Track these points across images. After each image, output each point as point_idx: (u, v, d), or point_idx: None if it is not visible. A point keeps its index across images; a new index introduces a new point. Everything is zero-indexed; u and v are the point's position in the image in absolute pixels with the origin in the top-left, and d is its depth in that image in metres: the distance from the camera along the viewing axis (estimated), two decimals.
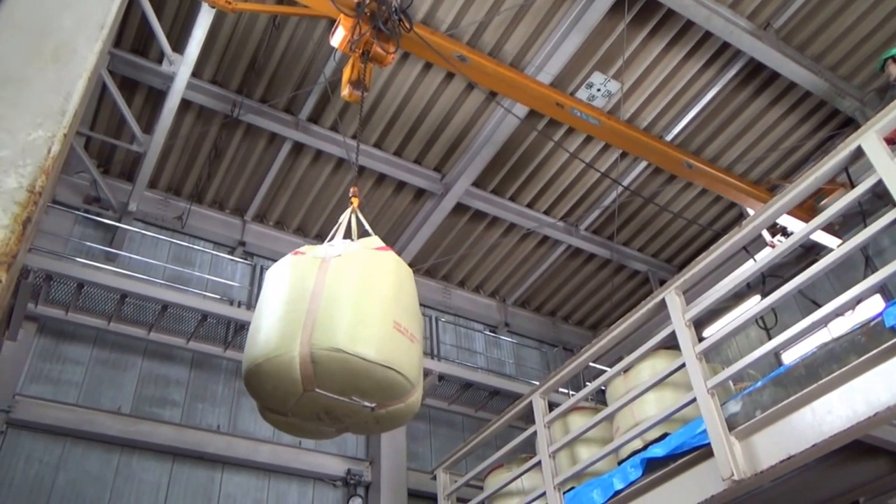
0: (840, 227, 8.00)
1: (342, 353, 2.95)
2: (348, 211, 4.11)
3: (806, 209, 7.68)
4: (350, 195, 4.31)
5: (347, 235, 3.90)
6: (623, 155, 8.66)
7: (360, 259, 3.35)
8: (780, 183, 8.68)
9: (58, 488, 6.14)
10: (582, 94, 7.85)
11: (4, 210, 1.42)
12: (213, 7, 5.58)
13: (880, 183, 3.32)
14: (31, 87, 1.61)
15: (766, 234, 8.20)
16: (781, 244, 3.87)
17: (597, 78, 7.77)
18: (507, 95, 6.77)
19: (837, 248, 3.44)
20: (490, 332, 10.19)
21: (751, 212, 8.05)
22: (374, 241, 3.57)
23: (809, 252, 8.55)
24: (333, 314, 3.06)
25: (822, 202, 7.71)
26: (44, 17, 1.73)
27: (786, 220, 7.80)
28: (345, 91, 5.37)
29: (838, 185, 7.36)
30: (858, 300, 3.32)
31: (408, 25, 5.33)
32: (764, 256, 3.94)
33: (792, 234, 5.69)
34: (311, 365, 2.98)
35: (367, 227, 3.98)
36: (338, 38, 5.37)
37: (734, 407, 3.62)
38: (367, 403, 3.12)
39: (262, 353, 3.10)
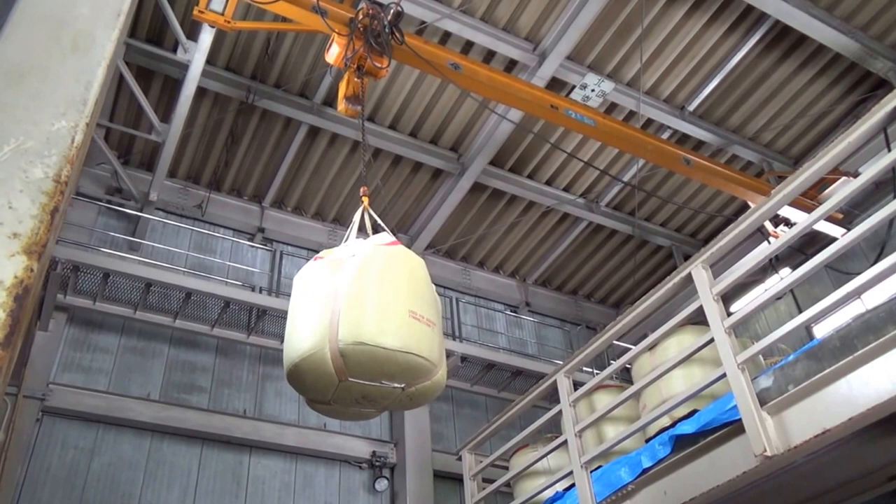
0: (844, 216, 7.83)
1: (365, 346, 3.31)
2: (360, 209, 4.46)
3: (809, 198, 7.55)
4: (360, 195, 4.62)
5: (362, 230, 4.27)
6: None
7: (373, 257, 3.69)
8: (783, 174, 8.44)
9: (93, 473, 6.32)
10: (576, 95, 7.68)
11: (33, 200, 1.43)
12: (213, 27, 5.72)
13: None
14: (53, 78, 1.60)
15: (768, 225, 8.04)
16: (786, 233, 3.81)
17: (591, 79, 7.59)
18: (502, 102, 6.73)
19: (872, 216, 3.32)
20: (511, 312, 10.17)
21: (752, 205, 7.89)
22: (385, 237, 3.93)
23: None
24: (354, 311, 3.42)
25: (825, 192, 7.57)
26: (61, 7, 1.72)
27: (787, 212, 7.65)
28: (341, 106, 5.48)
29: (841, 173, 7.20)
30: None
31: (399, 38, 5.45)
32: (798, 225, 3.83)
33: (795, 224, 5.59)
34: (341, 358, 3.34)
35: (380, 221, 4.31)
36: (333, 54, 5.53)
37: (765, 382, 3.55)
38: (396, 385, 3.47)
39: (298, 353, 3.49)
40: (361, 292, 3.48)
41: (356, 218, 4.37)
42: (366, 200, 4.55)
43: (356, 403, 3.64)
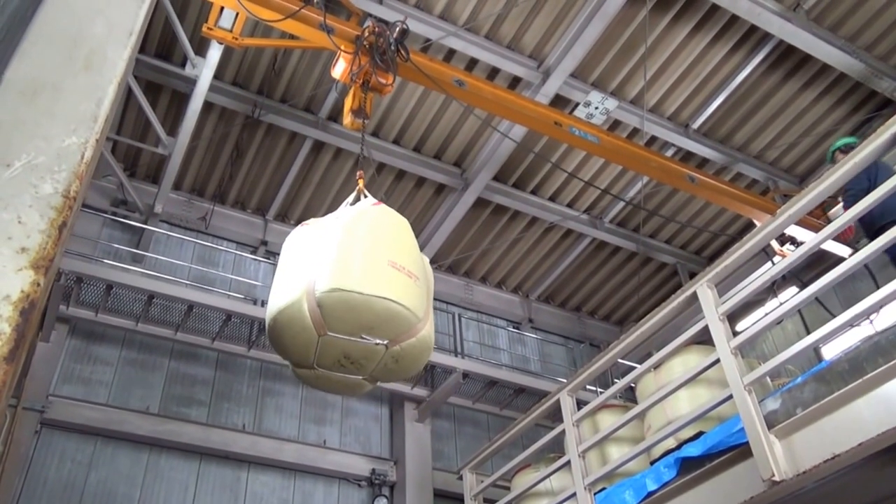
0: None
1: (340, 292, 3.27)
2: (355, 192, 4.44)
3: (815, 216, 7.52)
4: (357, 178, 4.59)
5: None
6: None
7: (357, 217, 3.73)
8: (789, 192, 8.42)
9: (90, 486, 6.25)
10: (580, 112, 7.70)
11: (42, 215, 1.43)
12: (221, 43, 5.84)
13: None
14: (65, 95, 1.61)
15: (774, 244, 7.99)
16: (793, 252, 3.77)
17: (594, 96, 7.63)
18: (506, 118, 6.76)
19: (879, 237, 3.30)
20: (514, 328, 10.11)
21: (758, 223, 7.83)
22: (370, 200, 3.99)
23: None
24: (332, 261, 3.41)
25: (832, 210, 7.54)
26: (76, 25, 1.73)
27: (794, 231, 7.62)
28: (346, 120, 5.51)
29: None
30: None
31: (405, 55, 5.51)
32: (804, 245, 3.80)
33: (802, 243, 5.48)
34: (318, 309, 3.31)
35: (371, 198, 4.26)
36: (339, 70, 5.59)
37: (773, 404, 3.50)
38: (378, 340, 3.41)
39: (276, 307, 3.49)
40: (341, 245, 3.50)
41: (350, 198, 4.31)
42: (361, 183, 4.44)
43: (340, 367, 3.57)
